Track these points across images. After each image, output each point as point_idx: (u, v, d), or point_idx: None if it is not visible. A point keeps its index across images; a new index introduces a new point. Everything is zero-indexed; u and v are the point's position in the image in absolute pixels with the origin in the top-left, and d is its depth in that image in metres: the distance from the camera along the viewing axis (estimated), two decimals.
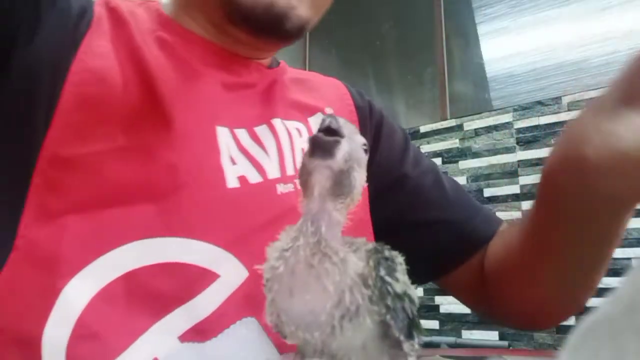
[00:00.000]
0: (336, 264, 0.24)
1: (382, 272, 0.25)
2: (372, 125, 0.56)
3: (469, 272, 0.51)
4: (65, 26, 0.39)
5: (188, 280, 0.36)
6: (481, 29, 2.19)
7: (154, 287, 0.35)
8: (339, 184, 0.25)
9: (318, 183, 0.25)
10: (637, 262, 0.30)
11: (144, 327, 0.34)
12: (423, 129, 2.09)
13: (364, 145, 0.27)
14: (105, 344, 0.33)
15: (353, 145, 0.25)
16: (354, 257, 0.25)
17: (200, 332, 0.35)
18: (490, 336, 1.76)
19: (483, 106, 2.07)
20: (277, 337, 0.32)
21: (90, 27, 0.40)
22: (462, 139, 1.96)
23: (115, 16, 0.43)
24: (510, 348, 1.68)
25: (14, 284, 0.33)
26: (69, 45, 0.38)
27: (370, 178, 0.51)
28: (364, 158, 0.26)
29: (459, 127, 1.98)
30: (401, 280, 0.26)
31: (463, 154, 1.95)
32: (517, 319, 0.49)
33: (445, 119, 2.06)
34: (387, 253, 0.26)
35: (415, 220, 0.52)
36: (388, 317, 0.24)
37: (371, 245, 0.27)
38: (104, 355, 0.32)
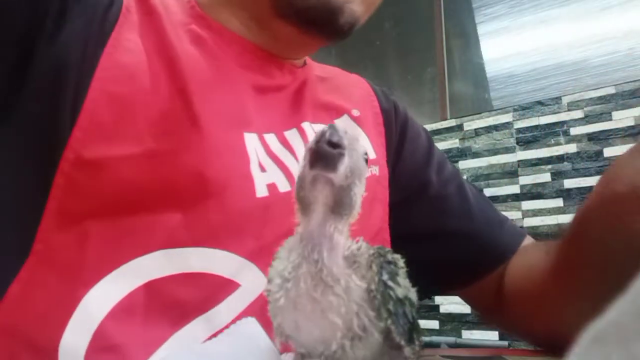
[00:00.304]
0: (340, 295, 0.23)
1: (385, 277, 0.24)
2: (397, 128, 0.54)
3: (487, 285, 0.49)
4: (92, 18, 0.37)
5: (209, 290, 0.35)
6: (481, 29, 2.19)
7: (174, 296, 0.34)
8: (340, 202, 0.23)
9: (318, 200, 0.23)
10: None
11: (163, 337, 0.33)
12: None
13: (365, 155, 0.26)
14: (124, 356, 0.31)
15: (354, 156, 0.23)
16: (356, 278, 0.24)
17: None
18: (490, 336, 1.76)
19: (483, 106, 2.07)
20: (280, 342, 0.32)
21: (119, 18, 0.38)
22: (462, 139, 1.96)
23: (146, 6, 0.41)
24: (510, 348, 1.68)
25: (31, 290, 0.31)
26: (97, 39, 0.36)
27: (393, 183, 0.50)
28: (364, 170, 0.25)
29: (459, 127, 1.98)
30: (402, 285, 0.25)
31: (463, 154, 1.95)
32: (531, 338, 0.48)
33: (445, 119, 2.05)
34: (389, 257, 0.25)
35: (437, 230, 0.50)
36: (389, 322, 0.24)
37: (373, 249, 0.26)
38: None
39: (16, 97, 0.35)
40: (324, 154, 0.22)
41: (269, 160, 0.40)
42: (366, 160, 0.26)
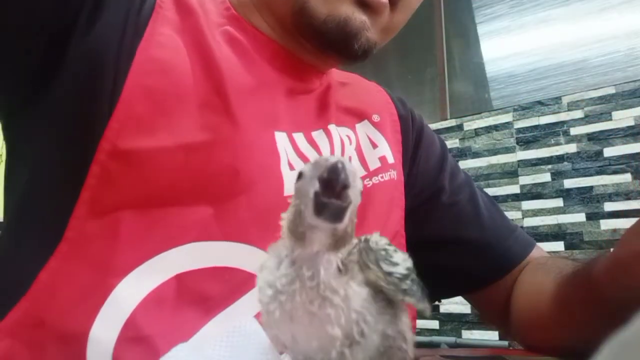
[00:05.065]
0: (338, 305, 0.23)
1: (385, 267, 0.24)
2: (413, 135, 0.55)
3: (496, 293, 0.50)
4: (128, 12, 0.37)
5: (234, 285, 0.35)
6: (481, 29, 2.18)
7: (203, 289, 0.34)
8: (340, 242, 0.23)
9: (318, 242, 0.22)
10: None
11: (191, 330, 0.33)
12: None
13: (361, 191, 0.25)
14: (153, 348, 0.31)
15: (355, 194, 0.22)
16: (354, 285, 0.24)
17: None
18: (490, 336, 1.76)
19: (483, 106, 2.07)
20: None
21: (152, 14, 0.39)
22: (462, 139, 1.96)
23: (182, 4, 0.41)
24: (510, 348, 1.68)
25: (62, 278, 0.31)
26: (132, 33, 0.37)
27: (408, 189, 0.51)
28: (358, 202, 0.23)
29: (459, 127, 1.98)
30: (400, 261, 0.25)
31: (463, 154, 1.95)
32: (537, 349, 0.48)
33: (445, 119, 2.05)
34: (374, 246, 0.25)
35: (448, 237, 0.51)
36: (408, 297, 0.24)
37: (355, 247, 0.25)
38: (150, 359, 0.31)
39: (50, 89, 0.35)
40: (333, 208, 0.21)
41: (298, 159, 0.41)
42: (360, 196, 0.24)
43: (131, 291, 0.32)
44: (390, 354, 0.25)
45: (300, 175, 0.22)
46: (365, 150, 0.49)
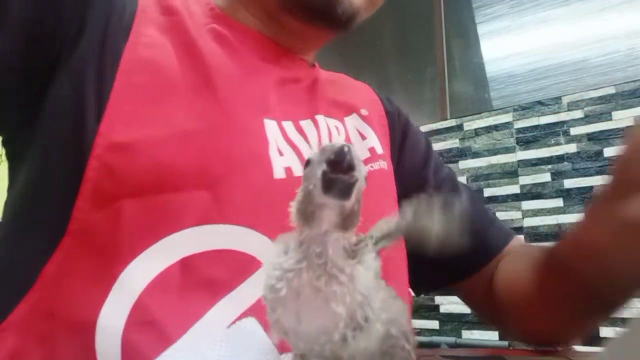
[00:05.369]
0: (344, 283, 0.23)
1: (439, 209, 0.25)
2: (399, 130, 0.57)
3: (479, 281, 0.52)
4: (106, 23, 0.39)
5: (236, 267, 0.36)
6: (481, 29, 2.19)
7: (207, 273, 0.35)
8: (348, 220, 0.24)
9: (327, 220, 0.23)
10: None
11: (197, 314, 0.34)
12: (423, 129, 2.08)
13: (365, 174, 0.26)
14: (161, 331, 0.32)
15: (361, 177, 0.23)
16: (361, 268, 0.25)
17: None
18: (490, 336, 1.76)
19: (483, 106, 2.07)
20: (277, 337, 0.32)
21: (136, 17, 0.40)
22: (462, 139, 1.96)
23: (166, 7, 0.43)
24: (510, 348, 1.68)
25: (67, 269, 0.32)
26: (115, 39, 0.38)
27: (395, 181, 0.52)
28: (364, 187, 0.25)
29: (459, 127, 1.98)
30: (439, 219, 0.26)
31: (463, 154, 1.95)
32: (521, 335, 0.50)
33: (445, 119, 2.05)
34: (378, 234, 0.26)
35: None
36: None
37: (370, 243, 0.26)
38: (159, 342, 0.32)
39: (42, 105, 0.37)
40: (341, 183, 0.22)
41: (287, 146, 0.43)
42: (365, 180, 0.25)
43: (137, 277, 0.32)
44: (393, 354, 0.25)
45: (308, 162, 0.23)
46: (355, 141, 0.50)
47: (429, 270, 0.51)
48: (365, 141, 0.51)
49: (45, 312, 0.32)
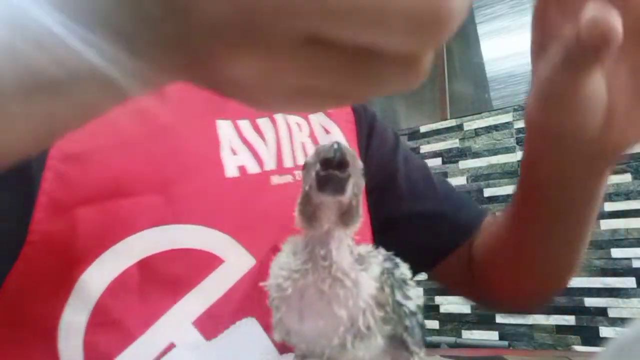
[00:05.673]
0: (349, 288, 0.24)
1: (399, 297, 0.25)
2: (366, 123, 0.58)
3: (457, 261, 0.53)
4: None
5: (196, 265, 0.37)
6: (481, 29, 2.19)
7: (167, 272, 0.36)
8: (347, 216, 0.24)
9: (327, 217, 0.24)
10: None
11: (159, 312, 0.35)
12: (423, 129, 2.09)
13: (362, 170, 0.27)
14: (122, 330, 0.33)
15: (356, 173, 0.24)
16: (367, 276, 0.25)
17: (213, 317, 0.36)
18: (490, 336, 1.76)
19: (483, 106, 2.07)
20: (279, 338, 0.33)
21: None
22: (462, 139, 1.96)
23: None
24: (510, 348, 1.68)
25: (30, 277, 0.33)
26: None
27: (365, 174, 0.54)
28: (363, 184, 0.26)
29: (459, 127, 1.98)
30: (414, 297, 0.26)
31: (463, 154, 1.95)
32: (503, 300, 0.52)
33: (445, 119, 2.06)
34: (397, 273, 0.26)
35: (407, 212, 0.54)
36: (405, 334, 0.25)
37: (381, 257, 0.27)
38: (121, 341, 0.33)
39: None
40: (334, 180, 0.22)
41: (241, 145, 0.44)
42: (363, 176, 0.26)
43: (95, 280, 0.34)
44: (396, 354, 0.26)
45: (304, 166, 0.24)
46: (320, 136, 0.51)
47: (409, 255, 0.53)
48: (329, 135, 0.52)
49: (8, 320, 0.33)
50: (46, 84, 0.18)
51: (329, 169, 0.22)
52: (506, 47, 2.09)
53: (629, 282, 1.57)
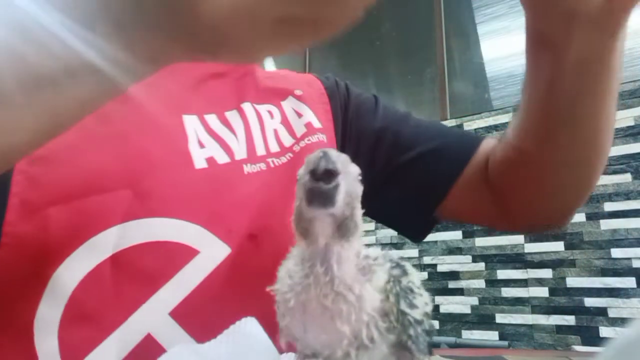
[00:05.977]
0: (351, 302, 0.23)
1: (404, 306, 0.24)
2: (340, 96, 0.58)
3: (468, 188, 0.51)
4: None
5: (171, 257, 0.37)
6: (481, 29, 2.19)
7: (141, 265, 0.36)
8: (343, 229, 0.23)
9: (321, 232, 0.23)
10: None
11: (135, 305, 0.35)
12: None
13: (359, 175, 0.25)
14: (97, 323, 0.34)
15: (349, 179, 0.22)
16: (370, 288, 0.24)
17: (190, 306, 0.36)
18: (490, 336, 1.76)
19: (483, 106, 2.07)
20: (277, 338, 0.33)
21: None
22: None
23: None
24: (510, 348, 1.68)
25: (4, 276, 0.34)
26: None
27: (352, 138, 0.55)
28: (360, 190, 0.24)
29: (459, 127, 1.98)
30: (420, 305, 0.25)
31: None
32: (524, 219, 0.50)
33: (445, 119, 2.05)
34: (404, 281, 0.25)
35: (403, 161, 0.54)
36: (409, 343, 0.24)
37: (389, 264, 0.26)
38: (96, 333, 0.34)
39: None
40: (321, 192, 0.21)
41: (209, 138, 0.44)
42: (361, 182, 0.25)
43: (68, 276, 0.34)
44: (401, 356, 0.26)
45: (298, 179, 0.22)
46: (292, 121, 0.52)
47: (412, 203, 0.53)
48: (302, 118, 0.52)
49: None
50: (46, 80, 0.19)
51: (316, 180, 0.21)
52: (506, 47, 2.09)
53: (629, 282, 1.57)
